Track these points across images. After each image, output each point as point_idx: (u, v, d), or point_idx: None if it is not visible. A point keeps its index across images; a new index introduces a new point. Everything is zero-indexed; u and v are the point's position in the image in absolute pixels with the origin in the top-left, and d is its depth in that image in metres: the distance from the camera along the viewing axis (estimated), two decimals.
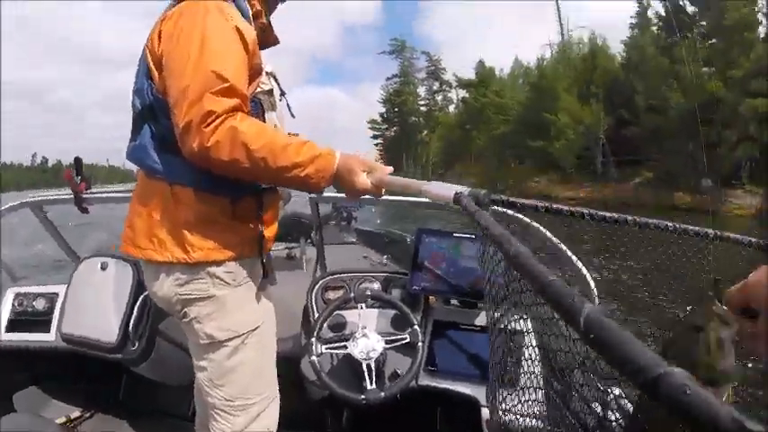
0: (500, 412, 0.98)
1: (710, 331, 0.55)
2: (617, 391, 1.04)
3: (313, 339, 1.69)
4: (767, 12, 25.91)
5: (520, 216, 1.51)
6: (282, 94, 1.43)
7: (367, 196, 1.25)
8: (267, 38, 1.37)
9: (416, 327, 1.75)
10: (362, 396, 1.61)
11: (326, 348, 1.71)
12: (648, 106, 27.99)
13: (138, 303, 1.85)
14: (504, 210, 1.17)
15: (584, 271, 1.69)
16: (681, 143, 23.65)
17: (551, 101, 33.31)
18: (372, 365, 1.66)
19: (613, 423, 0.97)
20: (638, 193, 27.33)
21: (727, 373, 0.56)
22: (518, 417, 0.93)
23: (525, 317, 0.88)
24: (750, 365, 0.72)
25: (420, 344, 1.74)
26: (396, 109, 60.70)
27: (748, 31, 25.40)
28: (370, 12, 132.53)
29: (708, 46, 27.54)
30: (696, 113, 22.21)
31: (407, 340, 1.74)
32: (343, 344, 1.72)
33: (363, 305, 1.82)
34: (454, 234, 1.92)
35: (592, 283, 1.68)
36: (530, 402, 0.88)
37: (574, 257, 1.69)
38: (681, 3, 30.38)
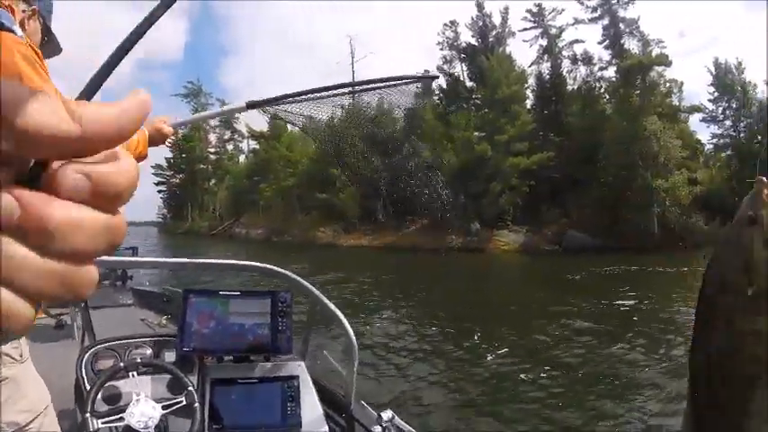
0: None
1: None
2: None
3: (87, 415, 1.57)
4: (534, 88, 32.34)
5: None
6: None
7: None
8: None
9: (191, 388, 1.73)
10: None
11: (103, 423, 1.59)
12: (425, 164, 30.05)
13: None
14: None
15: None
16: (453, 194, 25.79)
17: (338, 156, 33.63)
18: None
19: None
20: (417, 238, 29.73)
21: None
22: None
23: None
24: None
25: (197, 404, 1.70)
26: (183, 155, 55.93)
27: (516, 104, 30.55)
28: (168, 49, 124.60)
29: (480, 115, 31.99)
30: (466, 170, 26.40)
31: (184, 403, 1.70)
32: (119, 416, 1.62)
33: (135, 373, 1.74)
34: (220, 292, 1.95)
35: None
36: None
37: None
38: (461, 78, 35.73)
